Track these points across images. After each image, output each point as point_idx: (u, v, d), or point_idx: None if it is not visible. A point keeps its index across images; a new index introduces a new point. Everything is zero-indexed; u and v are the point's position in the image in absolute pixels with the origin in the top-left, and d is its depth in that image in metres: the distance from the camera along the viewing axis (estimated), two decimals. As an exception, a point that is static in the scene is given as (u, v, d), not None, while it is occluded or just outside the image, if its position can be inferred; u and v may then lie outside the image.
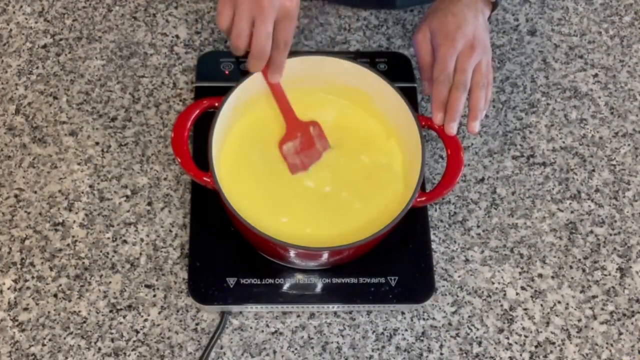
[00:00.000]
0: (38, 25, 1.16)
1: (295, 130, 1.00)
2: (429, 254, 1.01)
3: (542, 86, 1.16)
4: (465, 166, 1.09)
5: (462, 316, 1.00)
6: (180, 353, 0.96)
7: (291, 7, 0.90)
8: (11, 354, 0.95)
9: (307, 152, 1.00)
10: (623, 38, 1.21)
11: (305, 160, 1.00)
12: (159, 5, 1.19)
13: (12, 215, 1.03)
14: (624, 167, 1.10)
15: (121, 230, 1.02)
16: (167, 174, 1.06)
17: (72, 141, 1.07)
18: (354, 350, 0.97)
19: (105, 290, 0.99)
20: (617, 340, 0.99)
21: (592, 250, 1.04)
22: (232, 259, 0.99)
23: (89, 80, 1.12)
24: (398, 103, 0.98)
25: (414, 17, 1.20)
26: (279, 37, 0.91)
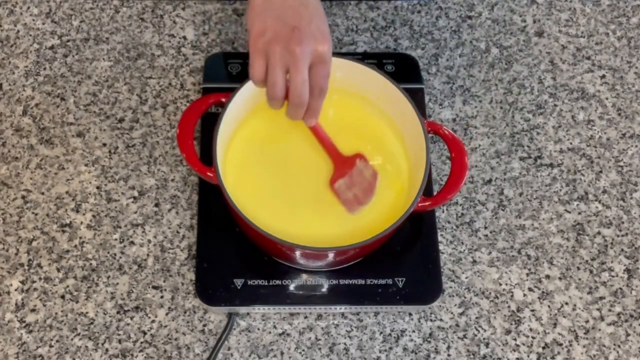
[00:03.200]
0: (45, 27, 1.16)
1: (343, 167, 0.99)
2: (436, 255, 1.01)
3: (549, 87, 1.15)
4: (472, 167, 1.09)
5: (469, 317, 1.00)
6: (188, 354, 0.96)
7: (324, 52, 0.88)
8: (18, 355, 0.95)
9: (359, 186, 0.98)
10: (630, 39, 1.20)
11: (359, 194, 0.98)
12: (167, 7, 1.19)
13: (19, 216, 1.03)
14: (631, 169, 1.10)
15: (128, 231, 1.02)
16: (174, 175, 1.06)
17: (79, 142, 1.08)
18: (361, 352, 0.97)
19: (113, 291, 0.99)
20: (625, 341, 0.99)
21: (600, 251, 1.04)
22: (240, 260, 0.99)
23: (96, 81, 1.12)
24: (404, 105, 0.98)
25: (422, 18, 1.20)
26: (314, 83, 0.89)
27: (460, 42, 1.18)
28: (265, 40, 0.87)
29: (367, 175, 0.99)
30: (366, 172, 0.99)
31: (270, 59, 0.87)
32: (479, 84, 1.15)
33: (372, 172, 0.99)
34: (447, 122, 1.12)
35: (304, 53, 0.86)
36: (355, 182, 0.98)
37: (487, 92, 1.14)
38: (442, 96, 1.14)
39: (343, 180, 0.98)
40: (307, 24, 0.88)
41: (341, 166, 0.99)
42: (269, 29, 0.87)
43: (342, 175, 0.99)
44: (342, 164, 0.99)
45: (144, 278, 1.00)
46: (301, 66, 0.86)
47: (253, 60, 0.88)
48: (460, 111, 1.13)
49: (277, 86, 0.88)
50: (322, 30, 0.89)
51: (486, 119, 1.12)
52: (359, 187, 0.98)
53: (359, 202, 0.98)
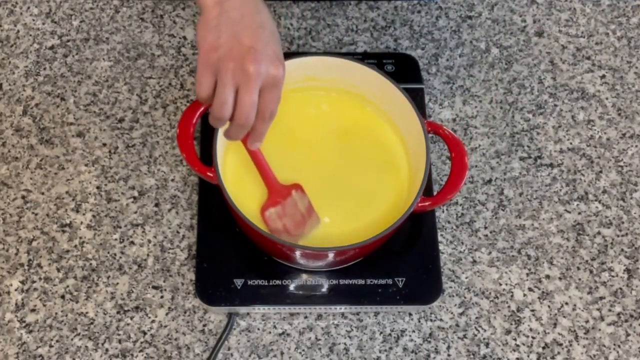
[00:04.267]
0: (45, 27, 1.16)
1: (276, 196, 0.97)
2: (436, 255, 1.01)
3: (549, 87, 1.15)
4: (472, 167, 1.09)
5: (469, 317, 1.00)
6: (188, 354, 0.96)
7: (278, 75, 0.84)
8: (18, 355, 0.95)
9: (290, 217, 0.97)
10: (630, 39, 1.20)
11: (288, 225, 0.96)
12: (166, 7, 1.19)
13: (19, 216, 1.03)
14: (631, 169, 1.10)
15: (128, 231, 1.02)
16: (174, 175, 1.06)
17: (79, 142, 1.08)
18: (361, 352, 0.97)
19: (113, 291, 0.99)
20: (625, 341, 0.99)
21: (600, 251, 1.04)
22: (240, 260, 0.99)
23: (96, 81, 1.12)
24: (404, 105, 0.98)
25: (422, 18, 1.20)
26: (264, 107, 0.85)
27: (460, 42, 1.18)
28: (218, 55, 0.82)
29: (301, 207, 0.97)
30: (300, 204, 0.97)
31: (222, 76, 0.82)
32: (479, 84, 1.15)
33: (307, 204, 0.98)
34: (447, 122, 1.12)
35: (258, 73, 0.81)
36: (287, 213, 0.97)
37: (487, 92, 1.14)
38: (442, 96, 1.14)
39: (274, 209, 0.97)
40: (264, 45, 0.83)
41: (275, 195, 0.97)
42: (223, 45, 0.82)
43: (274, 205, 0.97)
44: (277, 193, 0.97)
45: (144, 278, 1.00)
46: (253, 87, 0.82)
47: (201, 75, 0.83)
48: (460, 111, 1.13)
49: (226, 105, 0.83)
50: (278, 54, 0.85)
51: (486, 119, 1.12)
52: (290, 219, 0.97)
53: (287, 232, 0.96)
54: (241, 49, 0.82)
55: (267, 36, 0.84)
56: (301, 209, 0.97)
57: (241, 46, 0.82)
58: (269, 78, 0.83)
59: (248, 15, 0.84)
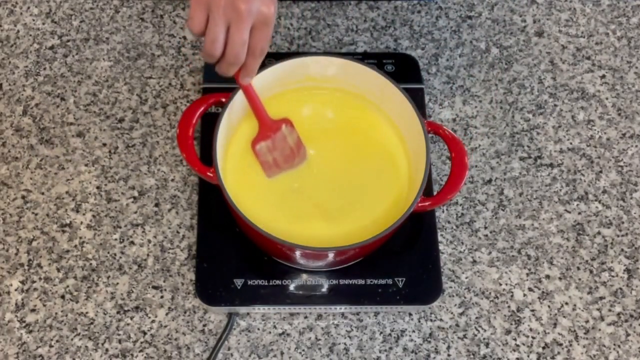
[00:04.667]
0: (45, 27, 1.16)
1: (267, 130, 0.99)
2: (436, 255, 1.01)
3: (549, 87, 1.15)
4: (472, 167, 1.09)
5: (469, 317, 1.00)
6: (188, 354, 0.96)
7: (269, 14, 0.85)
8: (18, 355, 0.95)
9: (280, 151, 0.99)
10: (630, 39, 1.20)
11: (278, 159, 0.99)
12: (166, 7, 1.19)
13: (19, 216, 1.03)
14: (631, 169, 1.10)
15: (128, 231, 1.02)
16: (174, 175, 1.06)
17: (79, 142, 1.08)
18: (361, 352, 0.97)
19: (113, 291, 0.99)
20: (625, 341, 0.99)
21: (600, 251, 1.04)
22: (240, 260, 0.99)
23: (96, 81, 1.12)
24: (404, 105, 0.98)
25: (422, 18, 1.20)
26: (256, 45, 0.87)
27: (460, 42, 1.18)
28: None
29: (290, 142, 0.99)
30: (290, 138, 0.99)
31: (213, 13, 0.84)
32: (479, 84, 1.15)
33: (296, 139, 1.00)
34: (447, 122, 1.12)
35: (249, 12, 0.83)
36: (276, 147, 0.99)
37: (487, 92, 1.14)
38: (442, 96, 1.14)
39: (265, 143, 0.99)
40: None
41: (266, 129, 0.99)
42: None
43: (265, 138, 0.99)
44: (268, 127, 0.99)
45: (143, 278, 1.00)
46: (243, 25, 0.84)
47: (194, 11, 0.85)
48: (460, 111, 1.13)
49: (217, 42, 0.85)
50: None
51: (486, 119, 1.12)
52: (279, 152, 0.99)
53: (277, 166, 0.99)
54: None
55: None
56: (290, 143, 0.99)
57: None
58: (259, 16, 0.85)
59: None
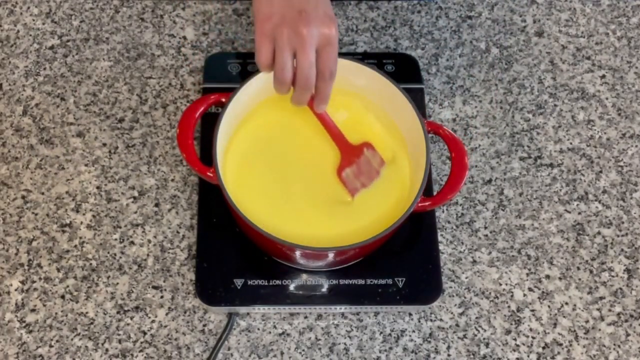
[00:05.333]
0: (45, 27, 1.16)
1: (350, 155, 1.00)
2: (436, 255, 1.01)
3: (549, 87, 1.15)
4: (472, 167, 1.09)
5: (469, 317, 1.00)
6: (188, 354, 0.96)
7: (330, 34, 0.88)
8: (18, 355, 0.95)
9: (366, 175, 0.99)
10: (630, 39, 1.20)
11: (365, 182, 0.99)
12: (167, 7, 1.19)
13: (19, 216, 1.03)
14: (631, 169, 1.10)
15: (128, 231, 1.02)
16: (174, 175, 1.06)
17: (79, 142, 1.08)
18: (361, 352, 0.97)
19: (113, 291, 0.99)
20: (625, 341, 0.99)
21: (600, 251, 1.04)
22: (240, 260, 0.99)
23: (96, 81, 1.12)
24: (404, 105, 0.98)
25: (422, 18, 1.20)
26: (323, 66, 0.89)
27: (460, 42, 1.18)
28: (272, 23, 0.87)
29: (374, 164, 1.00)
30: (374, 161, 1.00)
31: (278, 42, 0.87)
32: (479, 84, 1.15)
33: (379, 160, 1.00)
34: (447, 122, 1.12)
35: (311, 35, 0.86)
36: (362, 171, 0.99)
37: (487, 92, 1.14)
38: (442, 96, 1.14)
39: (350, 169, 0.99)
40: (314, 7, 0.88)
41: (348, 155, 0.99)
42: (276, 13, 0.87)
43: (349, 164, 0.99)
44: (349, 152, 0.99)
45: (143, 278, 1.00)
46: (308, 48, 0.87)
47: (260, 45, 0.88)
48: (460, 111, 1.13)
49: (286, 69, 0.88)
50: (329, 13, 0.90)
51: (486, 119, 1.12)
52: (365, 176, 0.99)
53: (364, 186, 0.99)
54: (293, 13, 0.87)
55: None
56: (375, 165, 1.00)
57: (292, 11, 0.87)
58: (322, 38, 0.88)
59: None
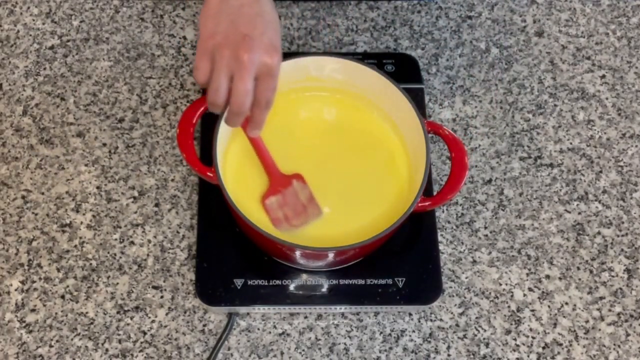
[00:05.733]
0: (45, 27, 1.16)
1: (277, 184, 0.98)
2: (436, 255, 1.01)
3: (549, 87, 1.15)
4: (472, 167, 1.09)
5: (469, 317, 1.00)
6: (188, 354, 0.96)
7: (272, 64, 0.84)
8: (18, 355, 0.95)
9: (291, 207, 0.98)
10: (630, 39, 1.20)
11: (289, 214, 0.97)
12: (166, 7, 1.19)
13: (19, 216, 1.03)
14: (631, 169, 1.10)
15: (128, 231, 1.02)
16: (174, 175, 1.06)
17: (79, 142, 1.08)
18: (361, 352, 0.97)
19: (113, 291, 0.99)
20: (625, 341, 0.99)
21: (600, 251, 1.04)
22: (240, 260, 0.99)
23: (96, 81, 1.12)
24: (404, 105, 0.98)
25: (422, 18, 1.20)
26: (260, 96, 0.86)
27: (460, 42, 1.18)
28: (214, 42, 0.84)
29: (302, 198, 0.98)
30: (302, 195, 0.98)
31: (216, 63, 0.84)
32: (479, 84, 1.15)
33: (308, 195, 0.98)
34: (447, 122, 1.12)
35: (251, 62, 0.83)
36: (287, 202, 0.97)
37: (487, 92, 1.14)
38: (442, 96, 1.14)
39: (275, 197, 0.98)
40: (260, 34, 0.84)
41: (276, 184, 0.98)
42: (220, 33, 0.84)
43: (275, 193, 0.98)
44: (278, 181, 0.98)
45: (143, 278, 1.00)
46: (246, 75, 0.83)
47: (199, 61, 0.85)
48: (460, 111, 1.13)
49: (219, 92, 0.85)
50: (274, 42, 0.86)
51: (486, 119, 1.12)
52: (290, 208, 0.97)
53: (288, 221, 0.97)
54: (236, 36, 0.83)
55: (264, 24, 0.85)
56: (302, 199, 0.98)
57: (237, 34, 0.84)
58: (263, 67, 0.84)
59: (247, 4, 0.86)
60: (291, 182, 0.98)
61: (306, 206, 0.98)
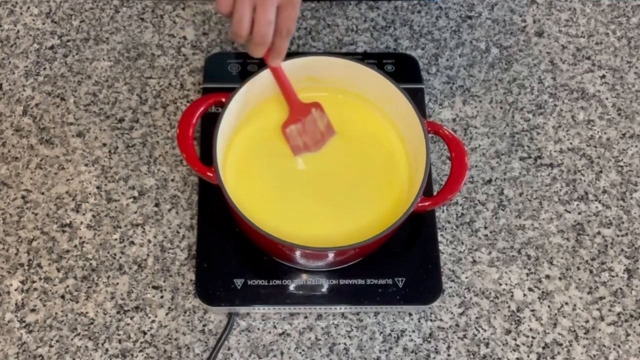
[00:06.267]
0: (45, 27, 1.16)
1: (297, 113, 1.00)
2: (436, 255, 1.01)
3: (549, 87, 1.15)
4: (472, 167, 1.09)
5: (469, 317, 1.00)
6: (188, 354, 0.96)
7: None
8: (18, 355, 0.95)
9: (310, 135, 1.00)
10: (630, 39, 1.20)
11: (308, 143, 1.00)
12: (166, 7, 1.19)
13: (19, 216, 1.03)
14: (631, 169, 1.10)
15: (128, 231, 1.02)
16: (174, 175, 1.06)
17: (79, 142, 1.08)
18: (361, 352, 0.97)
19: (113, 291, 0.99)
20: (625, 341, 0.99)
21: (600, 251, 1.04)
22: (240, 260, 0.99)
23: (96, 81, 1.12)
24: (404, 105, 0.98)
25: (422, 18, 1.20)
26: (282, 25, 0.89)
27: (460, 42, 1.18)
28: None
29: (320, 126, 1.00)
30: (320, 122, 1.00)
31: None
32: (479, 84, 1.15)
33: (326, 122, 1.00)
34: (447, 122, 1.12)
35: None
36: (307, 130, 1.00)
37: (487, 92, 1.14)
38: (442, 96, 1.14)
39: (295, 126, 1.00)
40: None
41: (296, 112, 1.00)
42: None
43: (295, 122, 1.00)
44: (298, 110, 1.00)
45: (143, 278, 1.00)
46: (268, 5, 0.86)
47: None
48: (460, 111, 1.13)
49: (243, 22, 0.87)
50: None
51: (486, 119, 1.12)
52: (309, 136, 1.00)
53: (307, 149, 1.00)
54: None
55: None
56: (320, 127, 1.00)
57: None
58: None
59: None
60: (310, 111, 1.01)
61: (324, 134, 1.00)
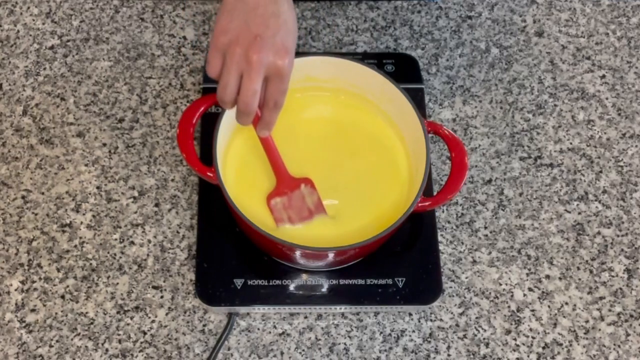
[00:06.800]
0: (45, 27, 1.16)
1: (284, 186, 0.98)
2: (436, 255, 1.01)
3: (549, 87, 1.15)
4: (472, 167, 1.09)
5: (469, 317, 1.00)
6: (188, 354, 0.96)
7: (282, 66, 0.85)
8: (18, 355, 0.95)
9: (296, 210, 0.98)
10: (630, 39, 1.20)
11: (293, 217, 0.97)
12: (166, 7, 1.19)
13: (19, 216, 1.03)
14: (631, 169, 1.10)
15: (128, 231, 1.02)
16: (174, 175, 1.06)
17: (79, 142, 1.08)
18: (361, 352, 0.97)
19: (113, 291, 0.99)
20: (625, 341, 0.99)
21: (600, 251, 1.04)
22: (240, 260, 0.99)
23: (96, 81, 1.12)
24: (404, 105, 0.98)
25: (422, 19, 1.20)
26: (269, 97, 0.87)
27: (460, 42, 1.18)
28: (227, 39, 0.84)
29: (308, 202, 0.98)
30: (309, 199, 0.98)
31: (227, 61, 0.84)
32: (479, 84, 1.15)
33: (316, 200, 0.98)
34: (447, 122, 1.12)
35: (260, 63, 0.83)
36: (292, 205, 0.97)
37: (487, 92, 1.14)
38: (442, 96, 1.14)
39: (280, 199, 0.98)
40: (272, 35, 0.84)
41: (283, 185, 0.98)
42: (233, 30, 0.84)
43: (281, 194, 0.98)
44: (285, 183, 0.98)
45: (143, 278, 1.00)
46: (254, 75, 0.84)
47: (211, 56, 0.86)
48: (460, 111, 1.13)
49: (228, 89, 0.85)
50: (286, 44, 0.86)
51: (486, 119, 1.12)
52: (295, 211, 0.97)
53: (291, 222, 0.97)
54: (248, 36, 0.84)
55: (277, 25, 0.85)
56: (309, 204, 0.98)
57: (249, 34, 0.84)
58: (273, 68, 0.85)
59: (263, 4, 0.86)
60: (299, 186, 0.98)
61: (312, 211, 0.98)
